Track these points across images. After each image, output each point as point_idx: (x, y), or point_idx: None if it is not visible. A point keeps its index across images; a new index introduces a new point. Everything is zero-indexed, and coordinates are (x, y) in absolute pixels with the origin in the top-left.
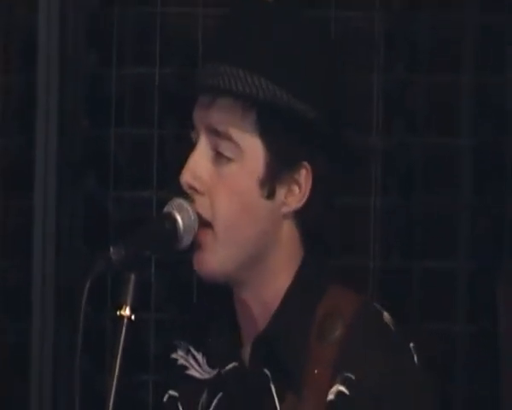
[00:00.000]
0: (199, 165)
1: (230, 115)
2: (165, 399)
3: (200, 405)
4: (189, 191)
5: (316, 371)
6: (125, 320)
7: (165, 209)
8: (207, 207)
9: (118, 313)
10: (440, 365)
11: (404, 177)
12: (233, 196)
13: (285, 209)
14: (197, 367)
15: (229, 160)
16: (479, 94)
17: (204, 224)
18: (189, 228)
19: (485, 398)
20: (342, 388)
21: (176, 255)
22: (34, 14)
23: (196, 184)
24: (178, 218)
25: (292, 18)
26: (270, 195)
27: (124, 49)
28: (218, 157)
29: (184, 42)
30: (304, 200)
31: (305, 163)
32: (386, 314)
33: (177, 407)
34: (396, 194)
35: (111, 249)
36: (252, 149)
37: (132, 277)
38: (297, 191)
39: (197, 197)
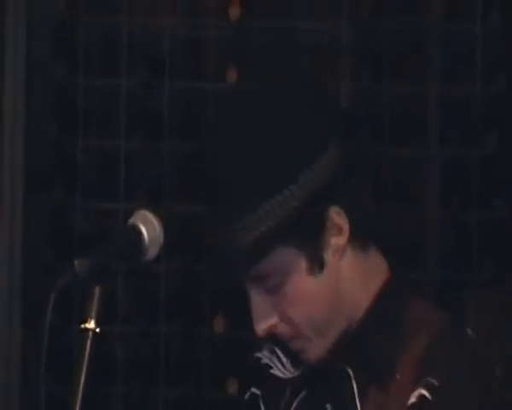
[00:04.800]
0: (263, 314)
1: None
2: (246, 396)
3: (282, 404)
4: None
5: (398, 377)
6: (90, 333)
7: (130, 221)
8: (288, 329)
9: (82, 326)
10: None
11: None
12: (301, 307)
13: (337, 253)
14: (280, 367)
15: (278, 286)
16: (446, 104)
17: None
18: (153, 240)
19: None
20: (424, 392)
21: (143, 267)
22: (1, 24)
23: (273, 329)
24: (143, 230)
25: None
26: (322, 267)
27: (90, 59)
28: (268, 289)
29: (151, 52)
30: (347, 230)
31: (331, 210)
32: (469, 330)
33: (259, 405)
34: None
35: (75, 262)
36: (291, 263)
37: (97, 289)
38: (337, 231)
39: (280, 327)
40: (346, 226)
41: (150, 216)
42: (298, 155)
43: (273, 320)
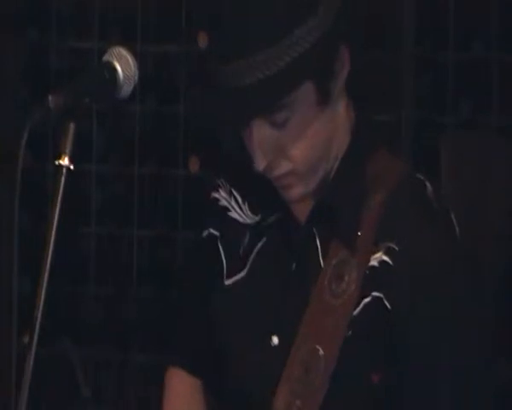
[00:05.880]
0: (265, 150)
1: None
2: (204, 235)
3: (241, 248)
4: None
5: (359, 234)
6: (64, 170)
7: (105, 58)
8: (287, 165)
9: (57, 162)
10: None
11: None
12: (303, 140)
13: (338, 90)
14: (239, 211)
15: (286, 120)
16: None
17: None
18: (128, 77)
19: None
20: (386, 258)
21: (118, 108)
22: None
23: (272, 166)
24: (117, 66)
25: None
26: (328, 101)
27: None
28: (275, 125)
29: None
30: (348, 67)
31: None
32: (429, 186)
33: (217, 246)
34: None
35: (49, 97)
36: (304, 95)
37: (71, 126)
38: (341, 66)
39: (280, 163)
40: (348, 63)
41: (125, 53)
42: None
43: (274, 156)
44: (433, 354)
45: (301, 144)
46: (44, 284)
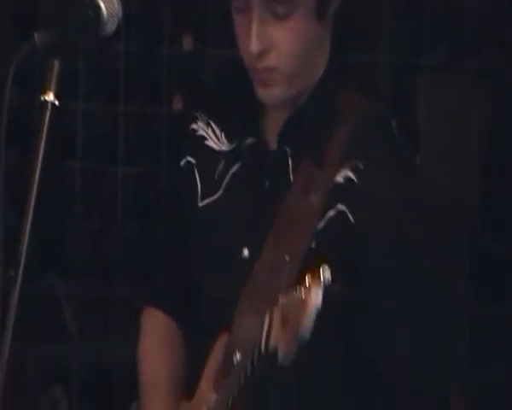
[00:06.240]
0: (261, 37)
1: None
2: (182, 163)
3: (216, 173)
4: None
5: (327, 154)
6: (49, 106)
7: None
8: (275, 60)
9: (42, 98)
10: None
11: None
12: (294, 39)
13: (332, 12)
14: (215, 139)
15: (286, 15)
16: None
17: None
18: (112, 14)
19: None
20: (351, 174)
21: (104, 47)
22: None
23: (262, 55)
24: (101, 4)
25: None
26: (323, 16)
27: None
28: (275, 15)
29: None
30: None
31: None
32: (394, 124)
33: (194, 172)
34: None
35: (35, 35)
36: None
37: (56, 63)
38: None
39: (269, 55)
40: None
41: None
42: None
43: (267, 45)
44: (395, 271)
45: (292, 43)
46: (29, 220)
